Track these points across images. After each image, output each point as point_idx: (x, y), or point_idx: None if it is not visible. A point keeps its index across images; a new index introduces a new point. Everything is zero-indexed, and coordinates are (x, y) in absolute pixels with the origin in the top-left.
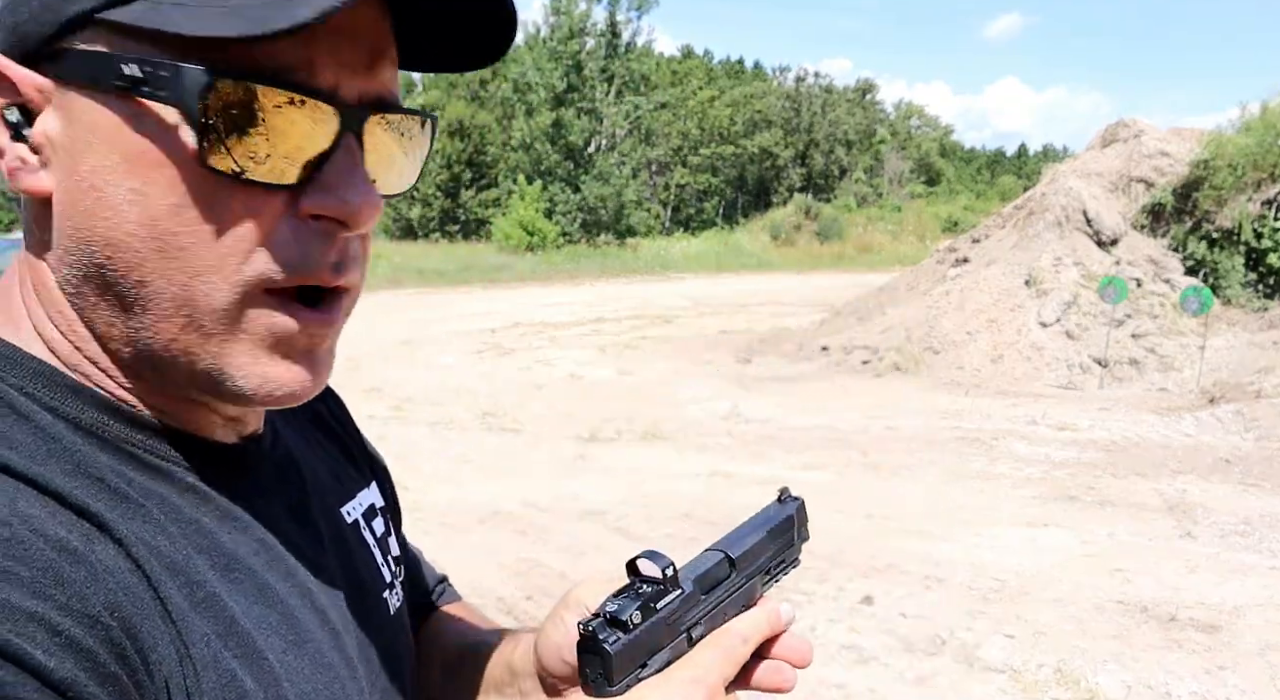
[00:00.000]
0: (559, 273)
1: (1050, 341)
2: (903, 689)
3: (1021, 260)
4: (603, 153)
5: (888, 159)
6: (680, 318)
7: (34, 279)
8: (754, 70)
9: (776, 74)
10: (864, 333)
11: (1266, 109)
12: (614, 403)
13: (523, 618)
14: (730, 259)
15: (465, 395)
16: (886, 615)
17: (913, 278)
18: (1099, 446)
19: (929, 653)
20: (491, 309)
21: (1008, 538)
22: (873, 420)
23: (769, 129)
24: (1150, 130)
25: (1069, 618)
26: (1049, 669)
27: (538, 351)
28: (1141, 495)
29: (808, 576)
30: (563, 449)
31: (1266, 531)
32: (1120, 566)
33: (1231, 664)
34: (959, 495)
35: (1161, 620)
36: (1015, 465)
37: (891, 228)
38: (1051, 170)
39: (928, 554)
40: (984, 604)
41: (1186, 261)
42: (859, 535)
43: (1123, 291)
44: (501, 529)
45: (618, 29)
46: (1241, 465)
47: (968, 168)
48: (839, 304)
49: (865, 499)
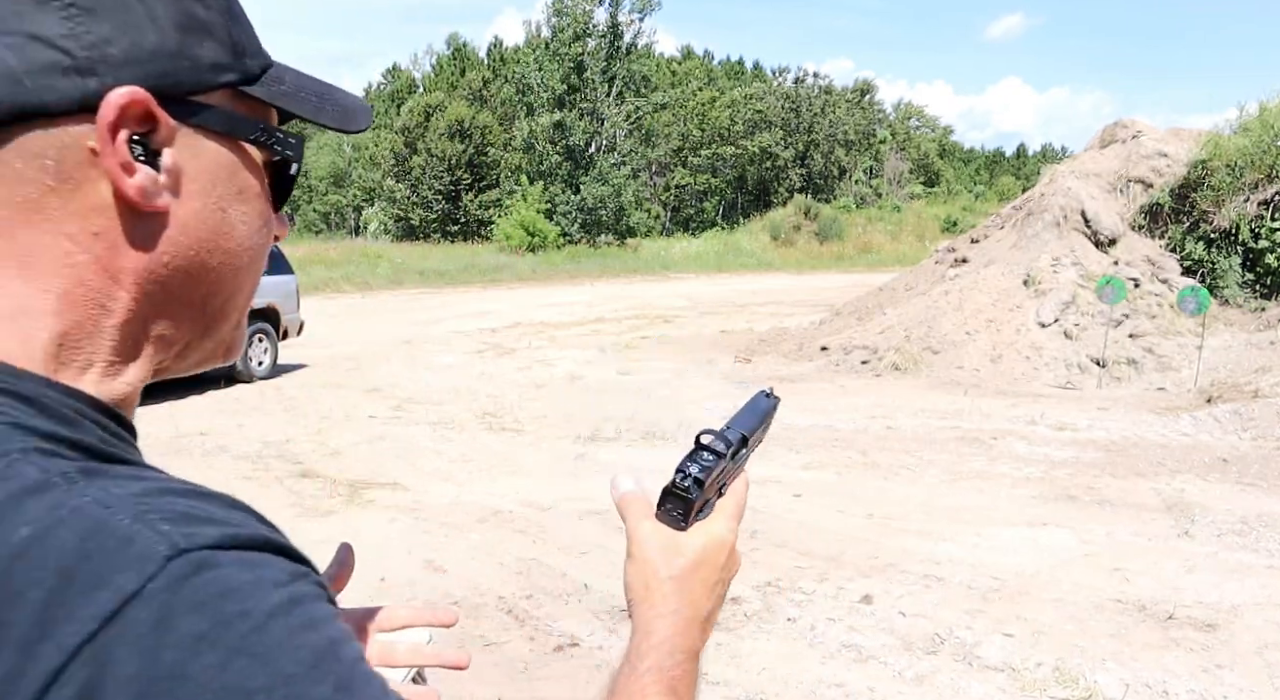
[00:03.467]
0: (559, 273)
1: (1049, 341)
2: (902, 687)
3: (1020, 260)
4: (603, 153)
5: (887, 159)
6: (680, 318)
7: (94, 279)
8: (754, 71)
9: (776, 74)
10: (863, 333)
11: (1264, 110)
12: (614, 403)
13: (523, 617)
14: (730, 259)
15: (465, 395)
16: (886, 614)
17: (912, 278)
18: (1098, 446)
19: (928, 651)
20: (492, 309)
21: (1007, 537)
22: (872, 420)
23: (769, 129)
24: (1149, 131)
25: (1068, 617)
26: (1048, 668)
27: (538, 351)
28: (1140, 495)
29: (808, 576)
30: (563, 449)
31: (1264, 531)
32: (1119, 566)
33: (1229, 663)
34: (958, 495)
35: (1159, 619)
36: (1014, 465)
37: (891, 228)
38: (1050, 171)
39: (927, 553)
40: (983, 603)
41: (1184, 262)
42: (858, 534)
43: (1121, 292)
44: (501, 529)
45: (620, 30)
46: (1239, 465)
47: (967, 168)
48: (839, 304)
49: (865, 498)
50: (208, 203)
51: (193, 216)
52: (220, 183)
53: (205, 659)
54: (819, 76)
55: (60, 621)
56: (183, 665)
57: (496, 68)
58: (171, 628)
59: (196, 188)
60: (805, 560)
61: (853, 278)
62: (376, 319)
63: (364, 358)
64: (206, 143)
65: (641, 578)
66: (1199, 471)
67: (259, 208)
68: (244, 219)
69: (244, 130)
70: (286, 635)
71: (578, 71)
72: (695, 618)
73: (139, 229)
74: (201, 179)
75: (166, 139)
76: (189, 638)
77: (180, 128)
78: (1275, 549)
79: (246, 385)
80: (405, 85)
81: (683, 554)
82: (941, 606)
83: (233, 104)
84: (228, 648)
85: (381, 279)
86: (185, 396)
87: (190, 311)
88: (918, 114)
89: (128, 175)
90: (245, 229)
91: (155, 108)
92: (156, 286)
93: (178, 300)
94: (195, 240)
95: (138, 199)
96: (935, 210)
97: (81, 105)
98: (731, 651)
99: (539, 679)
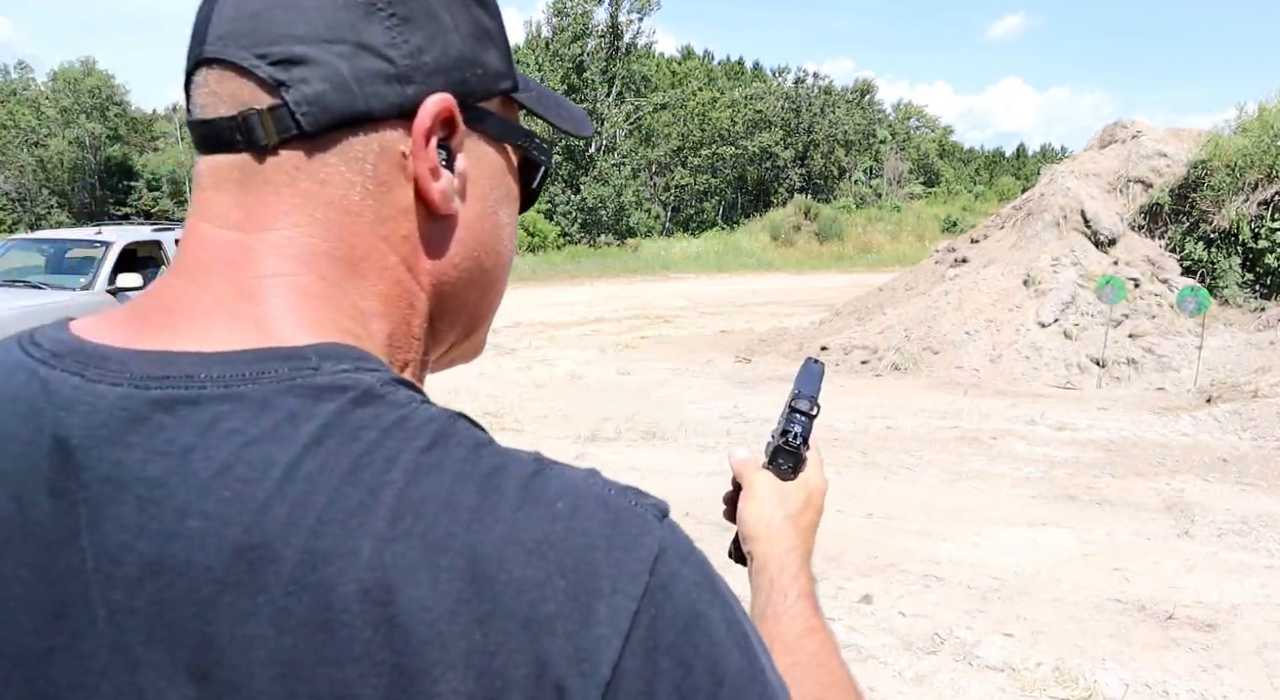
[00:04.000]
0: (559, 273)
1: (1048, 341)
2: (902, 687)
3: (1020, 260)
4: (603, 153)
5: (887, 159)
6: (680, 318)
7: (397, 282)
8: (754, 71)
9: (776, 75)
10: (863, 333)
11: (1263, 110)
12: (614, 402)
13: None
14: (730, 259)
15: (465, 395)
16: (885, 614)
17: (912, 278)
18: (1097, 446)
19: (928, 651)
20: None
21: (1006, 537)
22: (872, 420)
23: (769, 129)
24: (1148, 131)
25: (1067, 616)
26: (1047, 667)
27: (538, 351)
28: (1139, 495)
29: None
30: (563, 448)
31: (1263, 530)
32: (1118, 565)
33: (1229, 662)
34: (958, 495)
35: (1159, 619)
36: (1014, 465)
37: (890, 228)
38: (1050, 171)
39: (927, 553)
40: (983, 603)
41: (1184, 262)
42: (858, 534)
43: (1120, 292)
44: None
45: (620, 30)
46: (1239, 465)
47: (966, 168)
48: (839, 304)
49: (865, 498)
50: (485, 207)
51: (475, 220)
52: (495, 187)
53: (706, 597)
54: (819, 77)
55: (621, 577)
56: (695, 604)
57: None
58: (683, 576)
59: (477, 192)
60: None
61: (853, 278)
62: None
63: None
64: (485, 148)
65: (762, 518)
66: (1199, 471)
67: (514, 211)
68: (509, 222)
69: (514, 136)
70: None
71: (578, 71)
72: (808, 554)
73: (435, 232)
74: (481, 183)
75: (460, 145)
76: (693, 584)
77: (470, 133)
78: (1275, 549)
79: None
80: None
81: (794, 498)
82: (941, 606)
83: (504, 111)
84: (715, 592)
85: None
86: None
87: (464, 313)
88: (917, 114)
89: (434, 180)
90: (510, 232)
91: (458, 114)
92: (446, 288)
93: (457, 302)
94: (477, 243)
95: (440, 202)
96: (935, 210)
97: (400, 111)
98: None
99: None
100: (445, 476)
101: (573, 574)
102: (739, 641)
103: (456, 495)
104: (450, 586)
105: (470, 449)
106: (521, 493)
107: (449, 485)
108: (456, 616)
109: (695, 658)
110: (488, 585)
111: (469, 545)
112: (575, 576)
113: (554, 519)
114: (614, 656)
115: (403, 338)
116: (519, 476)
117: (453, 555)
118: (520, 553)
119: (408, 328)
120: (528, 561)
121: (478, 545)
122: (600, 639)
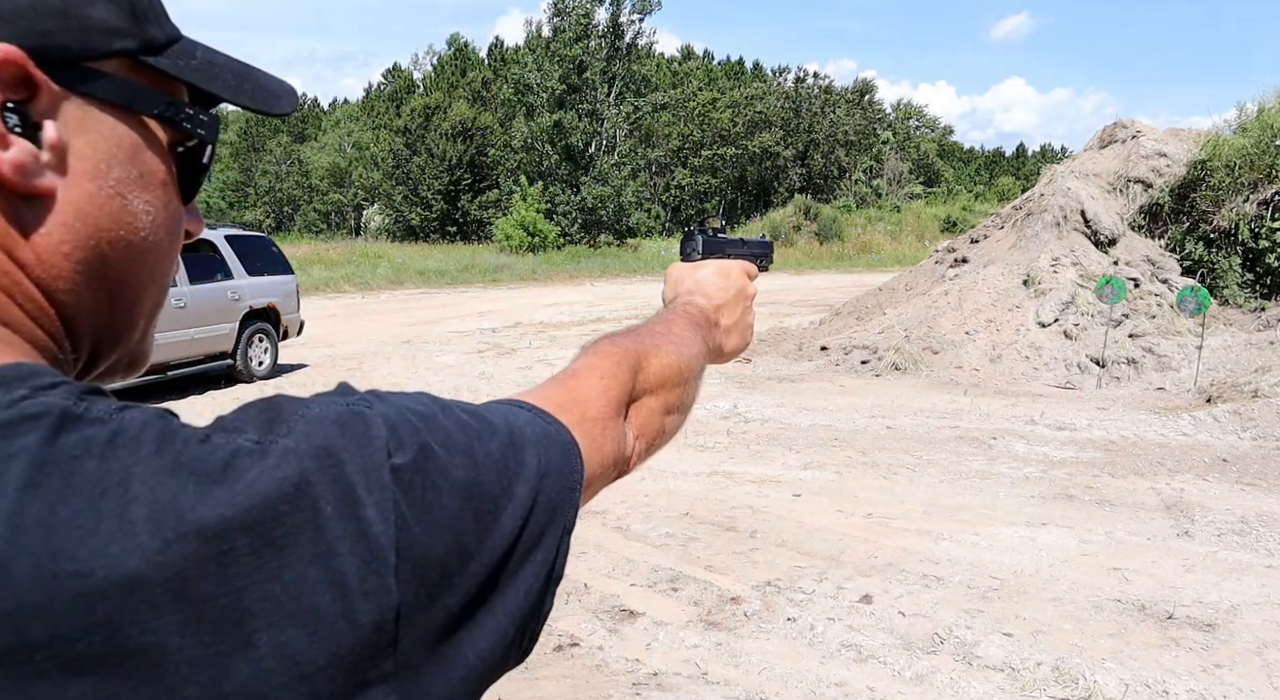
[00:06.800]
0: (559, 273)
1: (1048, 341)
2: (901, 687)
3: (1020, 260)
4: (603, 154)
5: (887, 160)
6: None
7: None
8: (754, 71)
9: (776, 75)
10: (863, 333)
11: (1263, 110)
12: None
13: None
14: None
15: (466, 395)
16: (885, 614)
17: (911, 278)
18: (1097, 446)
19: (927, 651)
20: (492, 309)
21: (1006, 537)
22: (872, 420)
23: (769, 130)
24: (1148, 131)
25: (1067, 616)
26: (1047, 667)
27: (538, 351)
28: (1139, 494)
29: (807, 575)
30: None
31: (1263, 530)
32: (1118, 565)
33: (1228, 662)
34: (958, 494)
35: (1159, 619)
36: (1014, 465)
37: (890, 228)
38: (1050, 171)
39: (927, 553)
40: (982, 602)
41: (1184, 262)
42: (858, 534)
43: (1120, 291)
44: None
45: (620, 30)
46: (1238, 464)
47: (966, 168)
48: (838, 304)
49: (864, 498)
50: (103, 186)
51: (86, 201)
52: (118, 164)
53: (422, 428)
54: (819, 77)
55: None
56: (422, 445)
57: (497, 68)
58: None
59: (88, 167)
60: (805, 560)
61: (852, 278)
62: (376, 319)
63: (364, 358)
64: (100, 116)
65: (672, 281)
66: (1198, 471)
67: (165, 197)
68: (148, 209)
69: (145, 104)
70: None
71: (578, 71)
72: (710, 301)
73: (26, 213)
74: (93, 157)
75: (49, 109)
76: (410, 431)
77: (68, 97)
78: (1275, 549)
79: (247, 385)
80: (405, 85)
81: (698, 268)
82: (941, 606)
83: (133, 75)
84: (426, 419)
85: (381, 279)
86: (185, 396)
87: (95, 316)
88: (918, 114)
89: (1, 149)
90: (149, 221)
91: (33, 70)
92: (63, 283)
93: (84, 300)
94: (93, 230)
95: (14, 176)
96: (935, 210)
97: None
98: (731, 651)
99: (539, 679)
100: (184, 475)
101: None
102: (458, 426)
103: (205, 488)
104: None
105: (196, 443)
106: (258, 463)
107: (194, 483)
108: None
109: (438, 477)
110: (272, 543)
111: (224, 520)
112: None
113: (301, 469)
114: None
115: (42, 344)
116: (248, 454)
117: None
118: (284, 504)
119: (39, 331)
120: (292, 510)
121: (232, 516)
122: (381, 535)
